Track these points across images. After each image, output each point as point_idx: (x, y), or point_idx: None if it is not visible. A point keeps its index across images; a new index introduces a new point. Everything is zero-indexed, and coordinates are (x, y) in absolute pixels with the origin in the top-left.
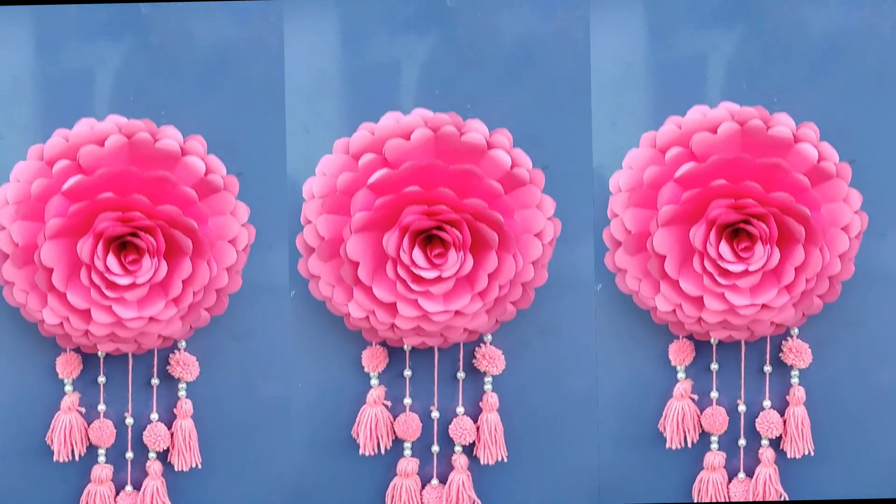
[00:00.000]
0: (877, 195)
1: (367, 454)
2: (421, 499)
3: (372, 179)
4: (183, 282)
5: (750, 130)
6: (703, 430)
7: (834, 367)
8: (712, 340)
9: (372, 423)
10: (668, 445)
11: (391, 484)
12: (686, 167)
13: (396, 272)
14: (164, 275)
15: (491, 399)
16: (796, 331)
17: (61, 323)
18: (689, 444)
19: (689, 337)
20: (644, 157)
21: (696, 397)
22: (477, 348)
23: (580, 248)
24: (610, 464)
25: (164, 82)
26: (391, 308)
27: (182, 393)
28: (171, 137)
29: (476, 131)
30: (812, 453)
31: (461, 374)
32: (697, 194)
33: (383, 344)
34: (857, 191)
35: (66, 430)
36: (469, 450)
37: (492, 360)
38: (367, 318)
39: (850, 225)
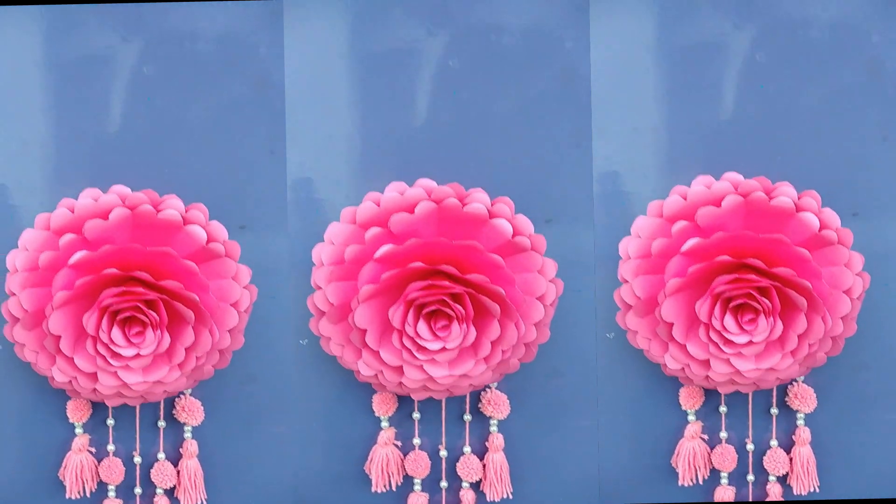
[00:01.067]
0: (880, 243)
1: (378, 491)
2: None
3: (378, 254)
4: (186, 349)
5: (753, 202)
6: (713, 467)
7: (838, 408)
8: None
9: (383, 463)
10: (680, 482)
11: None
12: (691, 242)
13: (402, 342)
14: (167, 346)
15: (496, 440)
16: (802, 377)
17: (70, 381)
18: (701, 481)
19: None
20: (651, 226)
21: (706, 437)
22: (483, 393)
23: (584, 296)
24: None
25: (166, 143)
26: (398, 370)
27: (188, 434)
28: (172, 208)
29: (478, 202)
30: (818, 489)
31: (467, 417)
32: (703, 268)
33: None
34: (858, 254)
35: (78, 469)
36: (476, 485)
37: (497, 405)
38: (376, 375)
39: (852, 288)
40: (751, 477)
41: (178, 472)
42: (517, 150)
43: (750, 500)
